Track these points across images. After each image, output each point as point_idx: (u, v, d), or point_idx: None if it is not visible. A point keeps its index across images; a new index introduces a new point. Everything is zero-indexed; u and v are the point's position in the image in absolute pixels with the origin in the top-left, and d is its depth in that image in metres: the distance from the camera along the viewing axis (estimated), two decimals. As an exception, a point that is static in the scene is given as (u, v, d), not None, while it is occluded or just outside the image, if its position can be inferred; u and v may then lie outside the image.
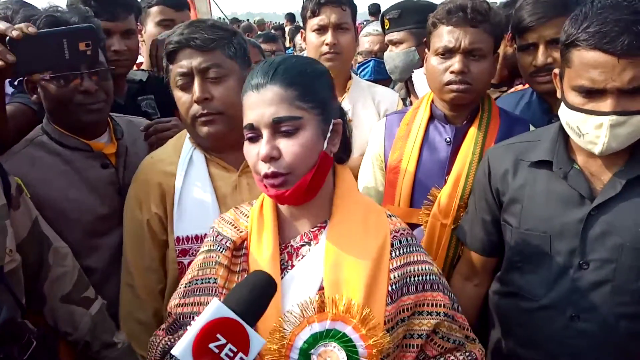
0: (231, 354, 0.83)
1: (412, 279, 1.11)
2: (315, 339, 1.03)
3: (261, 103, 1.05)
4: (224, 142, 1.45)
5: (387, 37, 2.29)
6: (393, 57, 2.26)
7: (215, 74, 1.39)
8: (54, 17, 1.47)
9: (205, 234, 1.24)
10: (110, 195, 1.58)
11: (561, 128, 1.34)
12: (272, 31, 7.26)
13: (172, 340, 1.17)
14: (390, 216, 1.18)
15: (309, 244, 1.13)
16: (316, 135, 1.07)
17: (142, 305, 1.51)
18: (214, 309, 0.84)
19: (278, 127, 1.04)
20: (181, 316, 1.16)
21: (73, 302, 1.43)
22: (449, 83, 1.56)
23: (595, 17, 1.18)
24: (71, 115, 1.51)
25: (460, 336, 1.17)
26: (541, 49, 1.63)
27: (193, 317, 1.12)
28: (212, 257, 1.15)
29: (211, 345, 0.82)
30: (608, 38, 1.15)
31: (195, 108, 1.40)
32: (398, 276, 1.09)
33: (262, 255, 1.10)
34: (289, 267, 1.11)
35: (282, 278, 1.09)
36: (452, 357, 1.15)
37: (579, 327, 1.29)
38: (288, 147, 1.04)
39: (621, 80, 1.16)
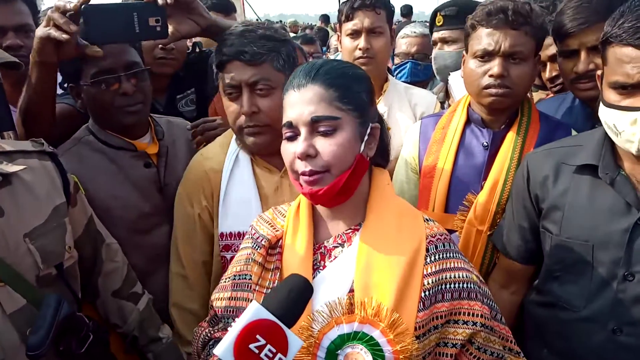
0: (270, 355, 0.86)
1: (448, 286, 1.09)
2: (343, 340, 1.04)
3: (301, 102, 1.07)
4: (267, 150, 1.49)
5: (438, 34, 2.21)
6: (444, 56, 2.19)
7: (263, 87, 1.42)
8: None
9: (247, 232, 1.28)
10: (152, 193, 1.62)
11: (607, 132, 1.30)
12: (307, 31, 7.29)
13: (212, 332, 1.21)
14: (427, 220, 1.16)
15: (342, 245, 1.13)
16: (353, 137, 1.08)
17: (194, 296, 1.56)
18: (254, 311, 0.86)
19: (316, 126, 1.06)
20: (220, 309, 1.20)
21: (123, 297, 1.49)
22: (488, 87, 1.53)
23: (631, 14, 1.17)
24: (113, 117, 1.56)
25: (499, 348, 1.13)
26: (583, 55, 1.57)
27: (230, 311, 1.17)
28: (249, 254, 1.18)
29: (251, 346, 0.85)
30: None
31: (243, 119, 1.44)
32: (432, 282, 1.07)
33: (296, 255, 1.12)
34: (321, 268, 1.12)
35: (313, 278, 1.10)
36: None
37: (621, 341, 1.25)
38: (325, 146, 1.05)
39: None
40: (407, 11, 9.33)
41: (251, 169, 1.50)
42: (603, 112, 1.25)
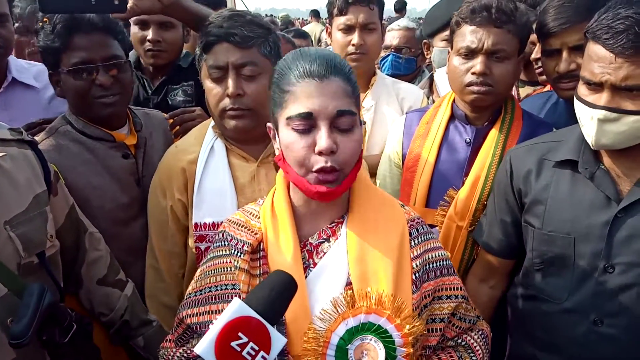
0: (253, 353, 0.84)
1: (432, 266, 1.12)
2: (351, 334, 1.02)
3: (326, 93, 1.01)
4: (248, 135, 1.48)
5: None
6: None
7: (250, 71, 1.42)
8: None
9: (222, 222, 1.22)
10: (130, 185, 1.62)
11: None
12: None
13: (189, 351, 1.13)
14: (403, 206, 1.19)
15: (328, 240, 1.11)
16: (361, 133, 1.08)
17: (167, 289, 1.56)
18: (236, 307, 0.84)
19: (336, 121, 1.01)
20: (197, 326, 1.12)
21: (109, 285, 1.48)
22: (470, 84, 1.54)
23: (612, 11, 1.19)
24: (89, 107, 1.56)
25: (474, 316, 1.20)
26: (564, 55, 1.56)
27: (210, 325, 1.10)
28: (229, 262, 1.11)
29: (233, 344, 0.83)
30: (610, 34, 1.16)
31: (226, 102, 1.43)
32: (419, 264, 1.10)
33: (283, 256, 1.07)
34: (312, 266, 1.09)
35: (306, 277, 1.07)
36: (468, 337, 1.17)
37: (602, 331, 1.27)
38: (346, 142, 1.02)
39: (616, 76, 1.16)
40: (401, 7, 9.24)
41: (226, 159, 1.49)
42: (575, 103, 1.28)
